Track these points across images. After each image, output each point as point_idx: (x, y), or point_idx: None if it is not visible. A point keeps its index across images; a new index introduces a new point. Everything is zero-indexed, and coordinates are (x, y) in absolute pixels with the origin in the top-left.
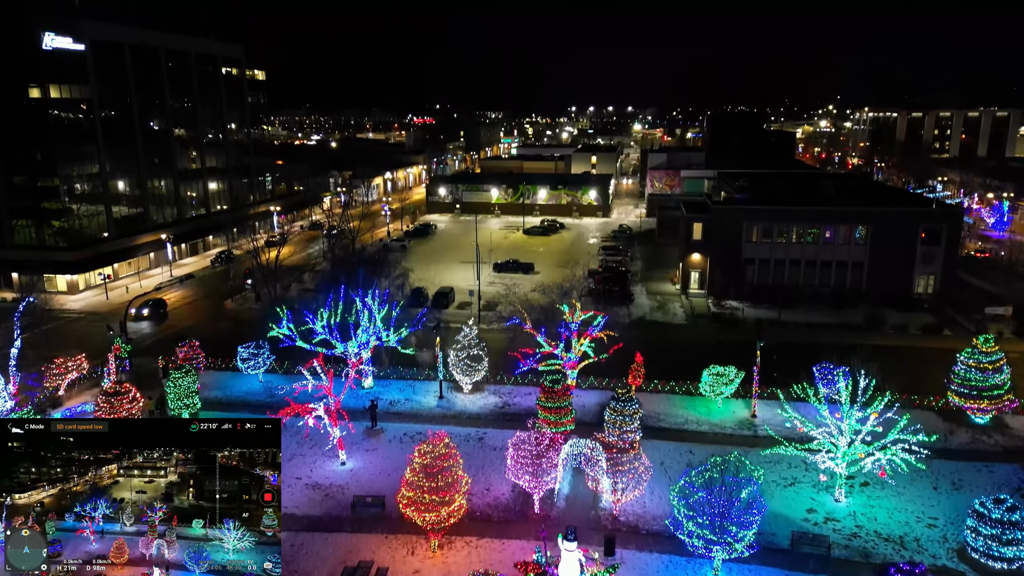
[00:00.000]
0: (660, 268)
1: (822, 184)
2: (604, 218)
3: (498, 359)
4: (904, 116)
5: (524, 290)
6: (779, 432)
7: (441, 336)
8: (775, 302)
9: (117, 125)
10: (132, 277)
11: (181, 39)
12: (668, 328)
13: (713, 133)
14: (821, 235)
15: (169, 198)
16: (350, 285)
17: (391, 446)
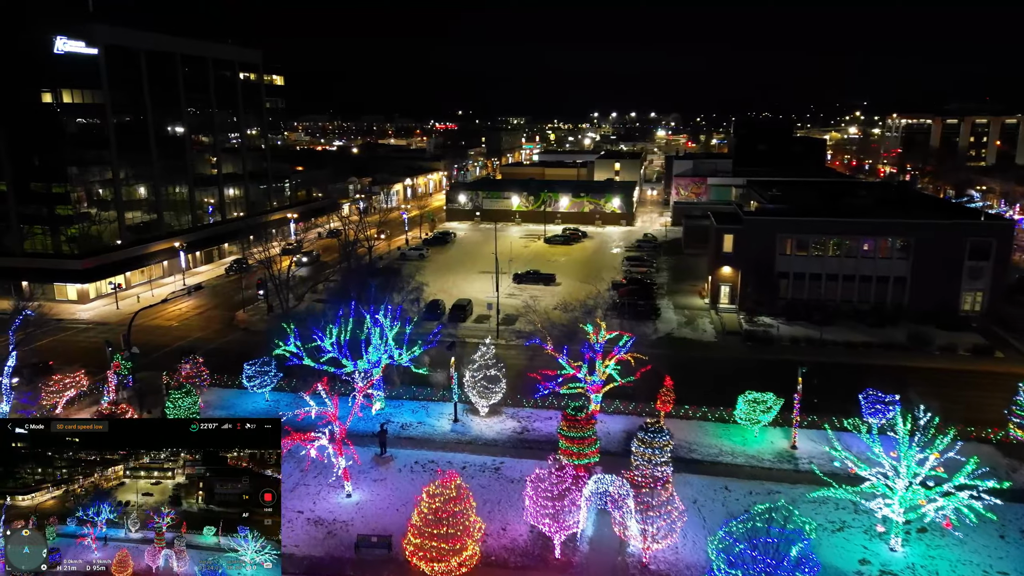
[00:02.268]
0: (687, 280)
1: (858, 193)
2: (628, 227)
3: (517, 380)
4: (938, 123)
5: (545, 303)
6: (823, 467)
7: (456, 355)
8: (810, 319)
9: (131, 131)
10: (144, 286)
11: (198, 44)
12: (697, 346)
13: (740, 139)
14: (859, 248)
15: (184, 205)
16: (361, 300)
17: (401, 476)
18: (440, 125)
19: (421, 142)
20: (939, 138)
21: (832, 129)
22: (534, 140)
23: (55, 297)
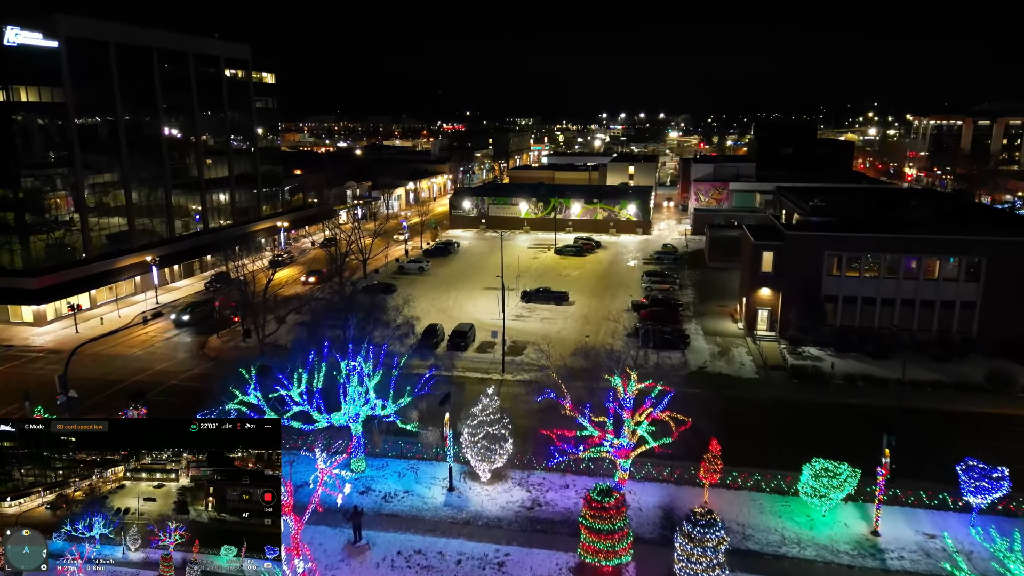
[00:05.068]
0: (715, 298)
1: (909, 204)
2: (644, 235)
3: (524, 422)
4: (969, 124)
5: (558, 328)
6: (919, 564)
7: (454, 405)
8: (864, 350)
9: (98, 132)
10: (111, 305)
11: (177, 38)
12: (736, 384)
13: (761, 142)
14: (921, 268)
15: (160, 213)
16: (334, 341)
17: (379, 573)
18: (447, 126)
19: (427, 144)
20: (969, 140)
21: (847, 131)
22: (542, 142)
23: (9, 319)
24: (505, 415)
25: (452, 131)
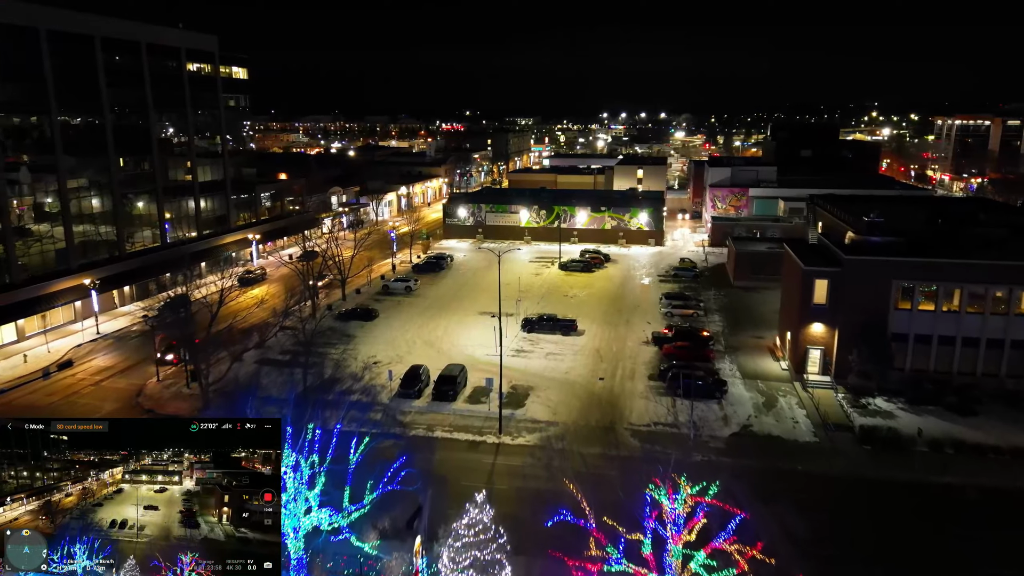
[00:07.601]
0: (747, 327)
1: (976, 218)
2: (658, 247)
3: (525, 510)
4: (997, 124)
5: (565, 367)
6: None
7: (426, 528)
8: (944, 403)
9: (26, 132)
10: (40, 337)
11: (125, 25)
12: (791, 450)
13: (779, 143)
14: (1012, 300)
15: (107, 224)
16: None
17: None
18: (447, 126)
19: (424, 144)
20: (998, 141)
21: (855, 131)
22: (543, 142)
23: None
24: (501, 529)
25: (451, 131)
